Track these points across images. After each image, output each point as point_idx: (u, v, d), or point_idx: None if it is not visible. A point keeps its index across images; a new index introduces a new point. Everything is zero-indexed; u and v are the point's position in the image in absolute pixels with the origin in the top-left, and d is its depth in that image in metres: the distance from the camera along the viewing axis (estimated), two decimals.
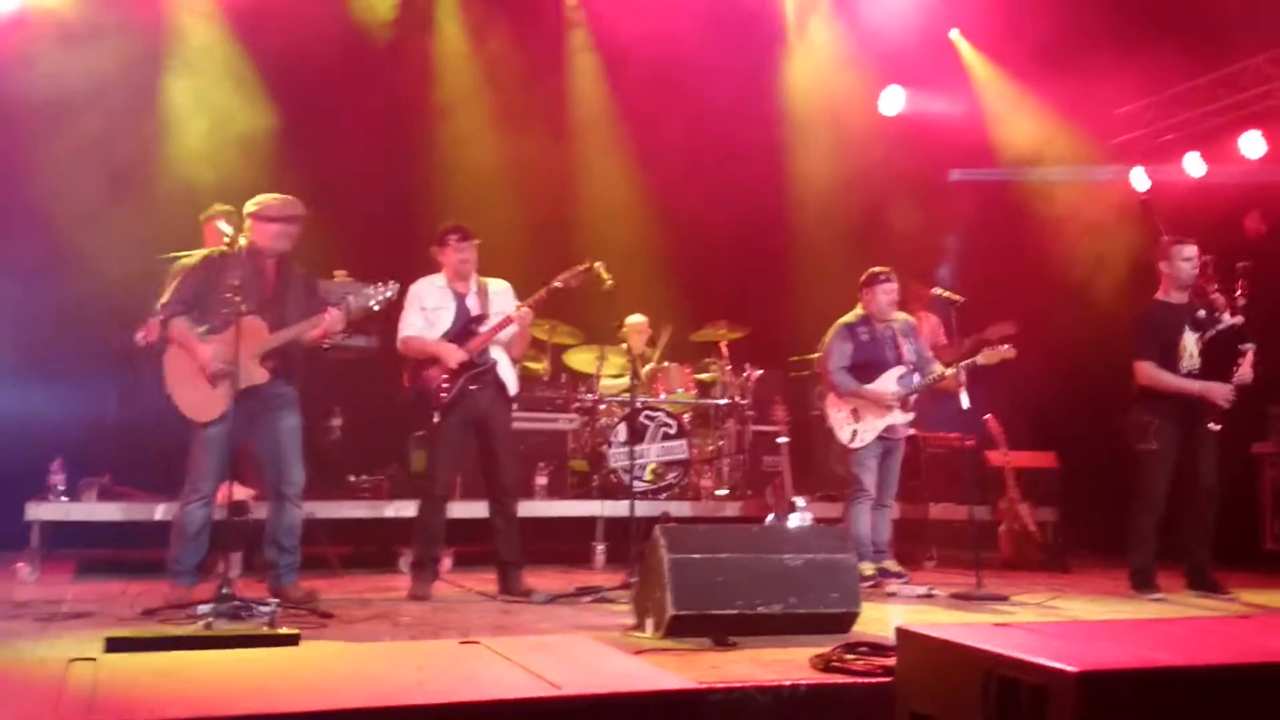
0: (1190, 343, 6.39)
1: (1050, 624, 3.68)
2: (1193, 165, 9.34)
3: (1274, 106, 8.74)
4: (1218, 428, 6.36)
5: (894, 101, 10.18)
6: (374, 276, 7.00)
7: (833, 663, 3.75)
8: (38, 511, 6.43)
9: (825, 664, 3.76)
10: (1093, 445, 8.32)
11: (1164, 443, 6.34)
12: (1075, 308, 8.98)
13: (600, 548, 7.53)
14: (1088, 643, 3.00)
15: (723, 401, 8.55)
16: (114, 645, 3.50)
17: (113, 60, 7.83)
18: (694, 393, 8.53)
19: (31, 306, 7.55)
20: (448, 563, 6.82)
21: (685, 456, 7.95)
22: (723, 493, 8.30)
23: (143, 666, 2.79)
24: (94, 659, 2.79)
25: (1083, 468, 8.43)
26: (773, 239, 10.04)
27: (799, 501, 7.00)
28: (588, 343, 8.66)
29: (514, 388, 6.17)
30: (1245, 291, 6.32)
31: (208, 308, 5.27)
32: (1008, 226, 9.68)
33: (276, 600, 4.98)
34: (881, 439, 6.70)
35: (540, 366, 8.60)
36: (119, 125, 7.88)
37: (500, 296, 6.13)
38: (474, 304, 6.05)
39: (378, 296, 5.48)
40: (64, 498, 6.57)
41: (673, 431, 7.92)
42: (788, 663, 3.89)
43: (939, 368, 6.72)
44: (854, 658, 3.77)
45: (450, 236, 6.02)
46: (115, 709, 2.29)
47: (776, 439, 7.28)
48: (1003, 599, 5.96)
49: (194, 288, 5.31)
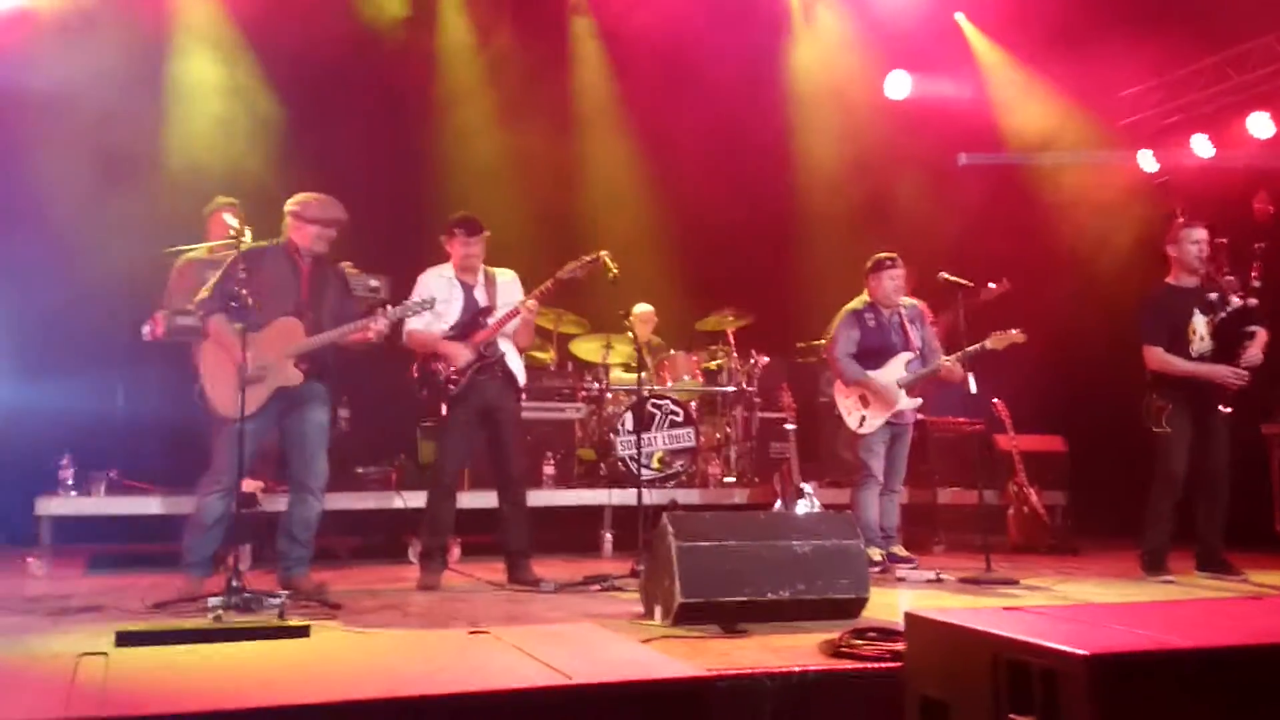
0: (1200, 325, 6.37)
1: (1059, 607, 3.67)
2: (1200, 147, 9.30)
3: None
4: (1228, 410, 6.35)
5: (900, 86, 10.14)
6: (377, 267, 7.04)
7: (842, 648, 3.75)
8: (48, 506, 6.45)
9: (834, 650, 3.76)
10: (1101, 429, 8.30)
11: (1178, 425, 6.33)
12: (1083, 291, 8.96)
13: (608, 536, 7.54)
14: (1097, 626, 2.99)
15: (729, 389, 8.55)
16: (124, 639, 3.52)
17: (117, 53, 7.82)
18: (701, 380, 8.53)
19: (37, 301, 7.56)
20: (456, 552, 6.83)
21: (692, 444, 7.95)
22: (730, 480, 8.31)
23: (153, 660, 2.79)
24: (104, 653, 2.79)
25: (1091, 451, 8.42)
26: (779, 225, 10.02)
27: (806, 488, 7.00)
28: (594, 332, 8.66)
29: (522, 378, 6.18)
30: (1260, 273, 6.29)
31: (247, 306, 5.21)
32: (1015, 210, 9.65)
33: (286, 592, 4.99)
34: (889, 424, 6.68)
35: (547, 356, 8.61)
36: (124, 119, 7.88)
37: (508, 287, 6.13)
38: (482, 295, 6.06)
39: (413, 309, 5.54)
40: (73, 492, 6.59)
41: (680, 419, 7.92)
42: (797, 649, 3.89)
43: (943, 359, 6.69)
44: (863, 643, 3.77)
45: (458, 230, 6.01)
46: (126, 702, 2.29)
47: (783, 426, 7.28)
48: (1012, 583, 5.96)
49: (234, 285, 5.24)
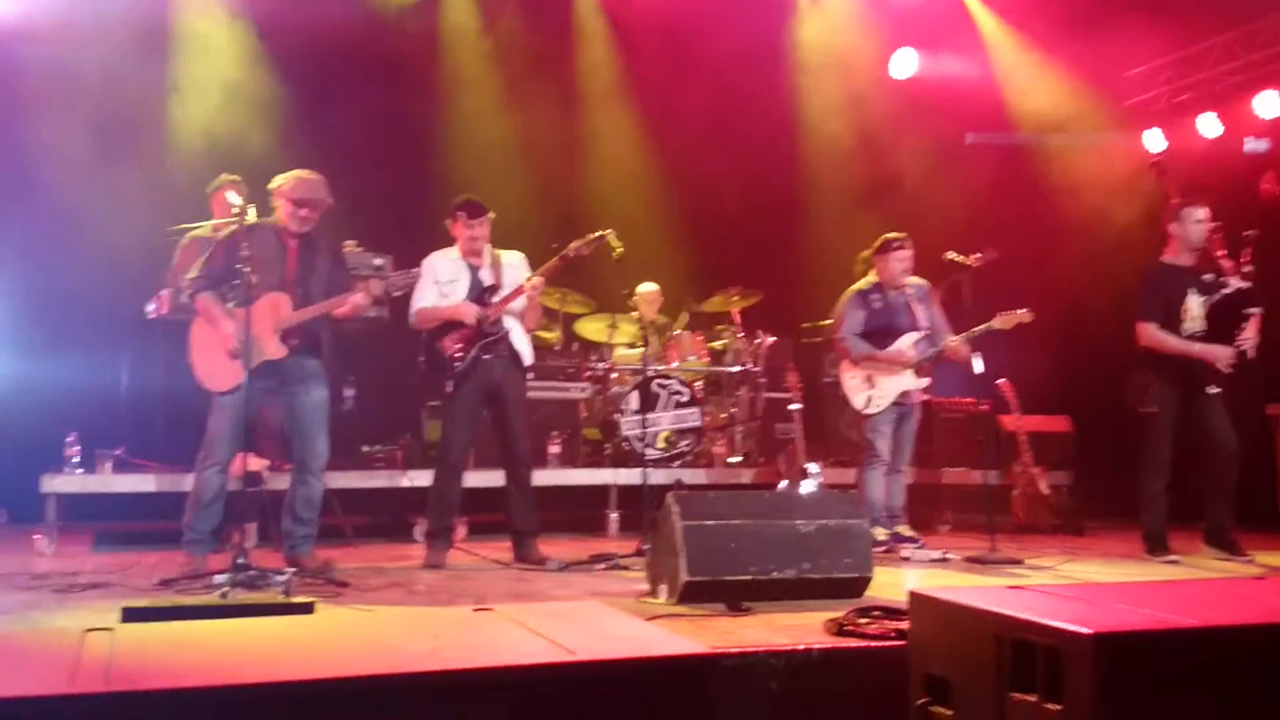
0: (1195, 305, 6.34)
1: (1063, 586, 3.68)
2: (1208, 126, 9.25)
3: None
4: (1216, 390, 6.32)
5: (906, 64, 10.09)
6: (384, 248, 7.03)
7: (846, 627, 3.75)
8: (54, 484, 6.47)
9: (838, 628, 3.76)
10: (1106, 409, 8.28)
11: (1164, 405, 6.31)
12: (1090, 272, 8.93)
13: (613, 515, 7.55)
14: (1102, 605, 2.99)
15: (735, 369, 8.54)
16: (130, 615, 3.52)
17: (123, 30, 7.81)
18: (706, 360, 8.52)
19: (43, 279, 7.57)
20: (462, 531, 6.84)
21: (698, 424, 7.94)
22: (736, 460, 8.30)
23: (159, 636, 2.80)
24: (111, 629, 2.80)
25: (1097, 431, 8.41)
26: (785, 205, 9.98)
27: (812, 468, 7.00)
28: (599, 311, 8.64)
29: (529, 357, 6.17)
30: (1251, 260, 6.26)
31: (237, 282, 5.29)
32: (1023, 190, 9.61)
33: (292, 569, 5.01)
34: (896, 405, 6.67)
35: (552, 335, 8.60)
36: (128, 97, 7.87)
37: (514, 268, 6.12)
38: (487, 275, 6.05)
39: (400, 283, 5.51)
40: (80, 470, 6.61)
41: (685, 399, 7.91)
42: (801, 627, 3.90)
43: (949, 339, 6.67)
44: (867, 621, 3.77)
45: (460, 213, 6.00)
46: (131, 677, 2.30)
47: (789, 406, 7.27)
48: (1017, 563, 5.96)
49: (221, 263, 5.33)
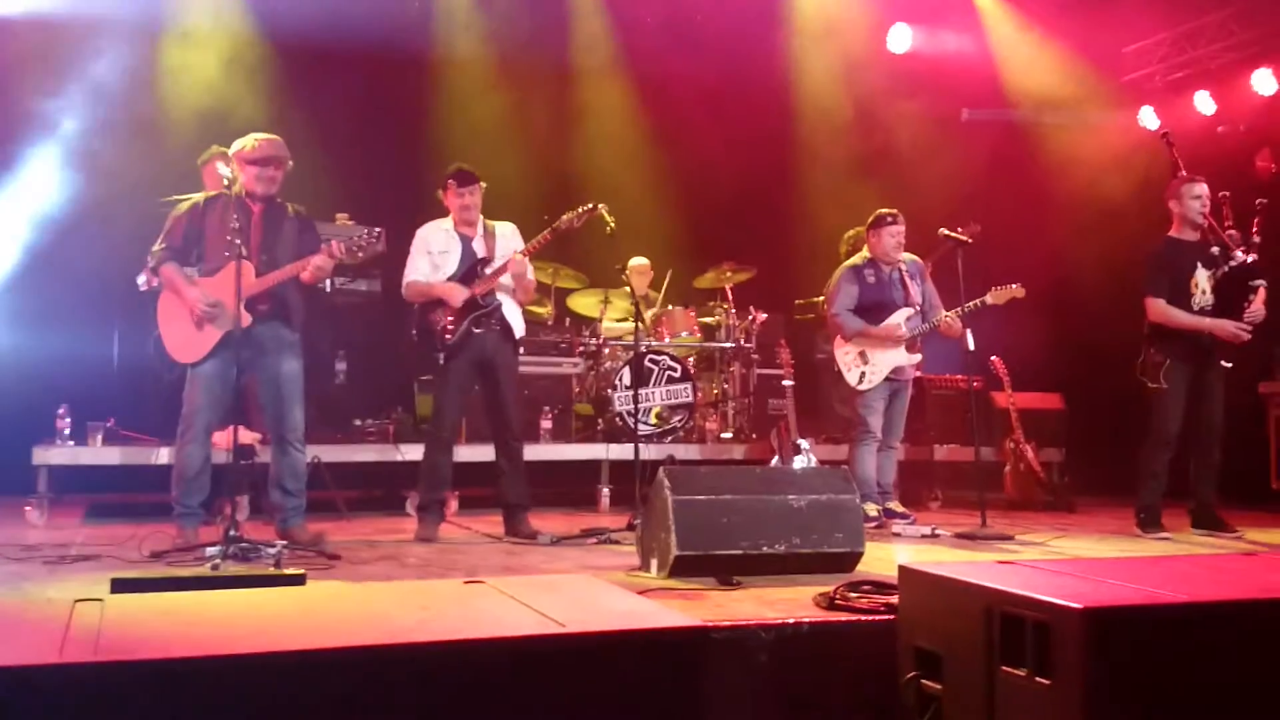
0: (1202, 280, 6.34)
1: (1053, 561, 3.68)
2: (1203, 103, 9.23)
3: None
4: (1229, 365, 6.34)
5: (901, 39, 10.04)
6: (378, 220, 7.01)
7: (836, 601, 3.75)
8: (45, 456, 6.46)
9: (829, 602, 3.76)
10: (1098, 386, 8.31)
11: (1174, 382, 6.32)
12: (1083, 249, 8.92)
13: (605, 490, 7.55)
14: (1092, 580, 3.00)
15: (727, 345, 8.54)
16: (120, 586, 3.52)
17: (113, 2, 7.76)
18: (698, 336, 8.52)
19: (34, 251, 7.53)
20: (454, 505, 6.85)
21: (690, 400, 7.94)
22: (727, 436, 8.31)
23: (148, 606, 2.79)
24: (100, 599, 2.79)
25: (1088, 408, 8.43)
26: (779, 181, 9.96)
27: (804, 444, 7.00)
28: (591, 286, 8.63)
29: (520, 330, 6.15)
30: (1260, 228, 6.26)
31: (202, 252, 5.29)
32: (1018, 166, 9.60)
33: (283, 542, 5.01)
34: (889, 380, 6.68)
35: (544, 310, 8.59)
36: (120, 68, 7.82)
37: (507, 238, 6.10)
38: (480, 246, 6.02)
39: (363, 244, 5.38)
40: (71, 442, 6.60)
41: (677, 375, 7.91)
42: (791, 601, 3.90)
43: (942, 314, 6.68)
44: (857, 595, 3.77)
45: (451, 182, 5.98)
46: (120, 647, 2.29)
47: (781, 382, 7.27)
48: (1007, 538, 5.98)
49: (183, 233, 5.32)
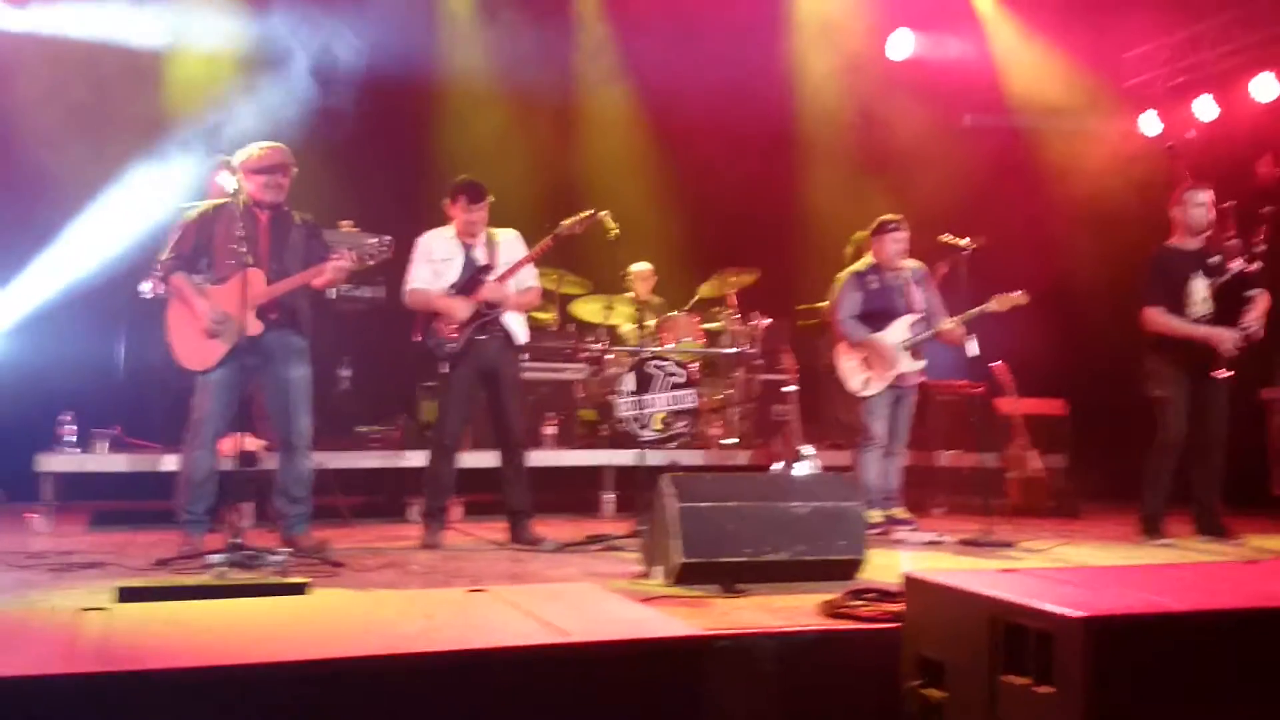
0: (1201, 288, 6.34)
1: (1056, 570, 3.69)
2: (1205, 109, 9.23)
3: None
4: (1226, 374, 6.33)
5: (903, 45, 10.06)
6: (382, 228, 7.02)
7: (840, 609, 3.76)
8: (50, 463, 6.48)
9: (832, 610, 3.77)
10: (1103, 392, 8.30)
11: (1175, 389, 6.32)
12: (1087, 255, 8.93)
13: (609, 497, 7.56)
14: (1094, 588, 3.00)
15: (731, 350, 8.54)
16: (126, 595, 3.53)
17: (117, 9, 7.79)
18: (702, 342, 8.52)
19: (40, 258, 7.55)
20: (458, 512, 6.86)
21: (693, 406, 7.95)
22: (731, 442, 8.31)
23: (154, 615, 2.80)
24: (106, 608, 2.80)
25: (1092, 414, 8.42)
26: (782, 187, 9.97)
27: (807, 450, 7.00)
28: (595, 292, 8.64)
29: (523, 337, 6.16)
30: (1266, 237, 6.26)
31: (211, 261, 5.31)
32: (1021, 172, 9.60)
33: (288, 549, 5.02)
34: (892, 387, 6.68)
35: (548, 316, 8.60)
36: (125, 77, 7.84)
37: (509, 245, 6.11)
38: (481, 254, 6.03)
39: (374, 252, 5.45)
40: (76, 449, 6.61)
41: (681, 381, 7.91)
42: (795, 609, 3.91)
43: (945, 321, 6.68)
44: (861, 604, 3.78)
45: (461, 197, 5.97)
46: (126, 657, 2.30)
47: (785, 388, 7.28)
48: (1010, 545, 5.98)
49: (191, 242, 5.35)
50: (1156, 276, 6.41)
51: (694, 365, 8.21)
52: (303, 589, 3.68)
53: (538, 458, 7.33)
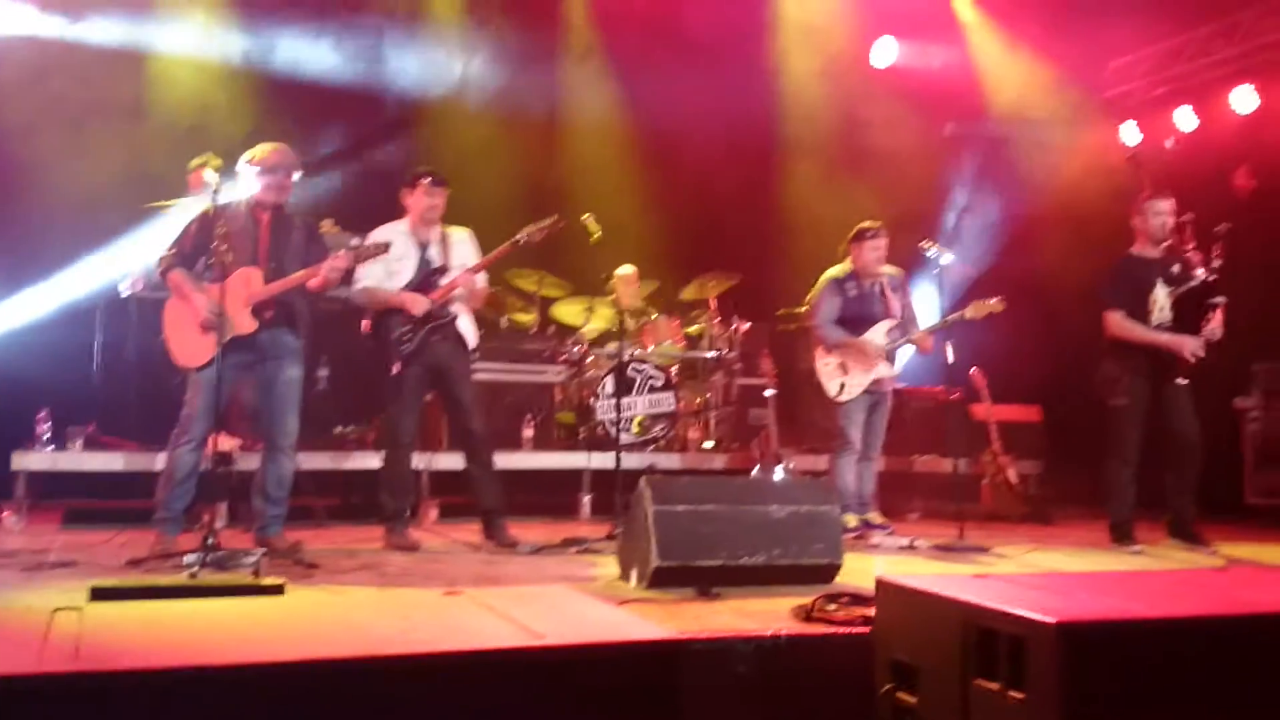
0: (1162, 296, 6.40)
1: (1028, 575, 3.72)
2: (1185, 120, 9.31)
3: (1269, 60, 8.70)
4: (1185, 382, 6.38)
5: (886, 53, 10.11)
6: (364, 228, 7.01)
7: (814, 613, 3.78)
8: (24, 461, 6.43)
9: (806, 614, 3.79)
10: (1077, 399, 8.33)
11: (1133, 397, 6.36)
12: (1064, 262, 8.98)
13: (586, 499, 7.55)
14: (1066, 594, 3.03)
15: (710, 354, 8.56)
16: (99, 594, 3.50)
17: (99, 7, 7.76)
18: (682, 345, 8.54)
19: (15, 254, 7.50)
20: (434, 514, 6.86)
21: (672, 409, 7.96)
22: (709, 445, 8.33)
23: (127, 615, 2.80)
24: (79, 608, 2.79)
25: (1066, 421, 8.47)
26: (763, 192, 10.00)
27: (785, 454, 7.02)
28: (576, 294, 8.64)
29: (473, 340, 6.11)
30: (1222, 254, 6.30)
31: (210, 260, 5.28)
32: (1000, 179, 9.67)
33: (262, 550, 5.00)
34: (869, 392, 6.71)
35: (529, 318, 8.59)
36: (103, 72, 7.81)
37: (462, 245, 6.06)
38: (436, 254, 5.97)
39: (370, 252, 5.48)
40: (50, 447, 6.57)
41: (660, 384, 7.93)
42: (770, 613, 3.92)
43: (921, 327, 6.74)
44: (835, 608, 3.80)
45: (423, 180, 5.92)
46: (100, 657, 2.30)
47: (763, 392, 7.30)
48: (984, 551, 6.01)
49: (194, 241, 5.33)
50: (1119, 283, 6.46)
51: (673, 368, 8.23)
52: (280, 590, 3.67)
53: (515, 459, 7.33)
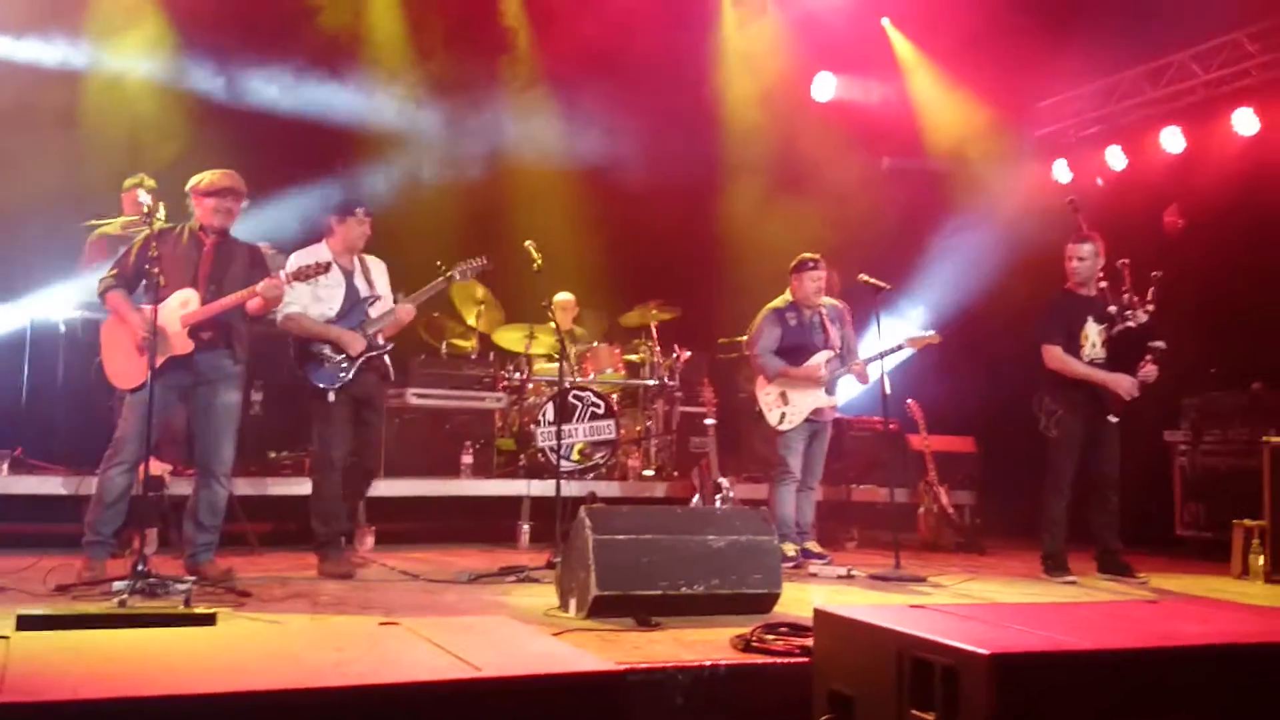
0: (1094, 333, 6.55)
1: (962, 606, 3.76)
2: (1114, 159, 9.53)
3: (1195, 103, 8.95)
4: (1116, 420, 6.51)
5: (825, 88, 10.25)
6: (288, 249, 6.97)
7: (752, 643, 3.79)
8: None
9: (745, 644, 3.80)
10: (1010, 431, 8.46)
11: (1067, 430, 6.49)
12: (998, 296, 9.13)
13: (525, 527, 7.52)
14: (999, 625, 3.06)
15: (651, 382, 8.58)
16: (25, 623, 3.42)
17: (34, 22, 7.65)
18: (623, 373, 8.55)
19: None
20: (370, 541, 6.79)
21: (613, 437, 7.96)
22: (649, 473, 8.34)
23: (55, 645, 2.72)
24: (5, 637, 2.72)
25: (1000, 452, 8.60)
26: (704, 221, 10.06)
27: (724, 483, 7.05)
28: (516, 321, 8.62)
29: (392, 373, 6.20)
30: (1155, 299, 6.45)
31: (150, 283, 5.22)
32: (935, 214, 9.81)
33: (193, 578, 4.91)
34: (809, 422, 6.77)
35: (469, 344, 8.56)
36: (39, 86, 7.70)
37: (380, 273, 6.11)
38: (361, 283, 5.98)
39: (310, 272, 5.42)
40: None
41: (601, 411, 7.93)
42: (709, 643, 3.93)
43: (860, 360, 6.83)
44: (773, 638, 3.82)
45: (358, 209, 5.95)
46: (26, 688, 2.24)
47: (704, 420, 7.32)
48: (920, 580, 6.07)
49: (136, 264, 5.28)
50: (1055, 317, 6.61)
51: (614, 396, 8.23)
52: (211, 619, 3.60)
53: (454, 486, 7.29)
